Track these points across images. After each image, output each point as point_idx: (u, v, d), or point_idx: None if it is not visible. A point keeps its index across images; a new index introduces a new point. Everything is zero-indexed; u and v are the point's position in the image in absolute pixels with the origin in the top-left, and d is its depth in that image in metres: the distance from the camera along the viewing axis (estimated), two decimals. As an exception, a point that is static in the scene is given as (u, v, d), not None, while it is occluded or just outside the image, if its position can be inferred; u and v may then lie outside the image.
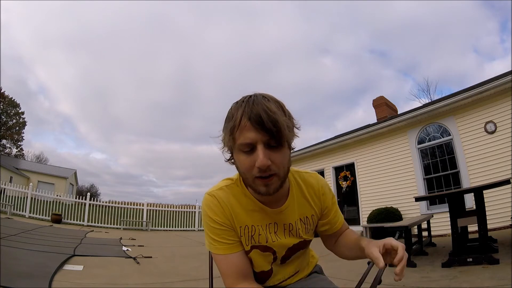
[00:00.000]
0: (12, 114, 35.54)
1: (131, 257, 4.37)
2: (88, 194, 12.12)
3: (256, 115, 0.66)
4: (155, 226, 12.62)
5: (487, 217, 3.25)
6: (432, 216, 5.51)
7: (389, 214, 6.94)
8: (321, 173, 9.39)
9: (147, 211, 12.84)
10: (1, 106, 33.84)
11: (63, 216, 10.71)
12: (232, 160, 0.77)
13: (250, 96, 0.72)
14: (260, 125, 0.66)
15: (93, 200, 12.14)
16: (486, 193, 3.45)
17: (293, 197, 0.84)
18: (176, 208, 13.54)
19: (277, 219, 0.83)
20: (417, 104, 23.53)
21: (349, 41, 59.75)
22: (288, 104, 0.76)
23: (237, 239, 0.81)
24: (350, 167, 8.89)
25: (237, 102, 0.73)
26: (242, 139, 0.68)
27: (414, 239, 4.15)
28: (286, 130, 0.68)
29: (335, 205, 0.91)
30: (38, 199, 11.08)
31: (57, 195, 12.06)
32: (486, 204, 3.30)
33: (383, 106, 11.27)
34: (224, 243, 0.79)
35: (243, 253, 0.81)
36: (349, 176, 8.85)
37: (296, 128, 0.76)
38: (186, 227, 13.27)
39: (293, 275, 0.92)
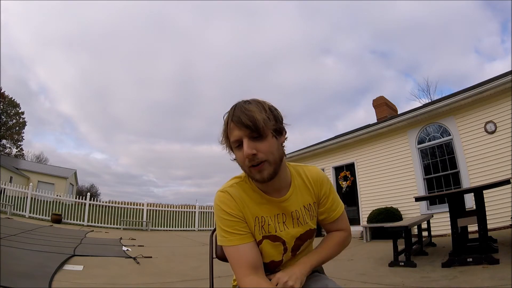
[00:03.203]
0: (12, 114, 35.54)
1: (131, 257, 4.38)
2: (88, 194, 12.13)
3: (236, 116, 0.81)
4: (155, 226, 12.63)
5: (487, 217, 3.26)
6: (432, 216, 5.52)
7: (389, 214, 6.94)
8: (321, 173, 9.36)
9: (147, 211, 12.85)
10: (1, 106, 33.84)
11: (63, 216, 10.72)
12: (235, 158, 0.89)
13: (236, 103, 0.87)
14: (240, 123, 0.80)
15: (93, 200, 12.15)
16: (486, 193, 3.45)
17: (295, 186, 0.95)
18: (176, 208, 13.55)
19: (284, 208, 0.92)
20: (417, 104, 23.56)
21: (351, 41, 59.72)
22: (289, 104, 0.81)
23: (248, 230, 0.89)
24: (350, 167, 8.89)
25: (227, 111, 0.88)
26: (232, 137, 0.84)
27: (414, 239, 4.15)
28: (262, 122, 0.79)
29: (332, 194, 0.99)
30: (38, 199, 11.09)
31: (57, 195, 12.07)
32: (486, 204, 3.30)
33: (383, 106, 11.27)
34: (236, 234, 0.86)
35: (254, 244, 0.88)
36: (349, 176, 8.85)
37: (280, 119, 0.87)
38: (186, 227, 13.28)
39: None
